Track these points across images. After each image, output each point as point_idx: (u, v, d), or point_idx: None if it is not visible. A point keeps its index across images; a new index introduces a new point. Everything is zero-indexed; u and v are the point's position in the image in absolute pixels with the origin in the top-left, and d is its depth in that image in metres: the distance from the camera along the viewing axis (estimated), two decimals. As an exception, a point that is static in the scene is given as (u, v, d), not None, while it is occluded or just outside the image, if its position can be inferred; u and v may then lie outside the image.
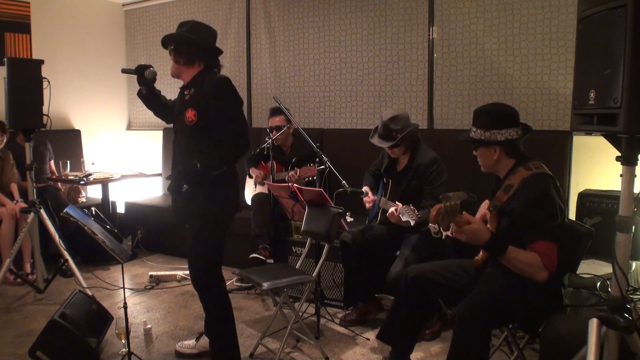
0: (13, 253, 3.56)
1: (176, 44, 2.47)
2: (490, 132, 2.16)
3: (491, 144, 2.18)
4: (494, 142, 2.16)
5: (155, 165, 5.53)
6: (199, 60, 2.49)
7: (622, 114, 1.41)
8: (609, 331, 1.61)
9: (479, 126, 2.20)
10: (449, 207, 1.84)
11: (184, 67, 2.49)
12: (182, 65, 2.49)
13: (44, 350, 2.56)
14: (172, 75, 2.55)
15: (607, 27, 1.47)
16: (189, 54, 2.46)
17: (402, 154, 3.16)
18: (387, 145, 3.09)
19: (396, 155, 3.17)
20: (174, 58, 2.49)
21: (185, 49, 2.46)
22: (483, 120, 2.21)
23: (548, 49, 3.56)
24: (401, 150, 3.13)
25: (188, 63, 2.48)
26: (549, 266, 1.96)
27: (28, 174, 3.58)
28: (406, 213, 2.85)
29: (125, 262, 2.55)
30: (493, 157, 2.20)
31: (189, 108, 2.43)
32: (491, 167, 2.25)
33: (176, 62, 2.49)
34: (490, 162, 2.23)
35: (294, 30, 4.71)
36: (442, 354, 2.79)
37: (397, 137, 3.04)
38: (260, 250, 3.64)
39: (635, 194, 1.58)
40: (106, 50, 5.77)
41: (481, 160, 2.26)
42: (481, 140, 2.19)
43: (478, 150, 2.25)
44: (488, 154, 2.21)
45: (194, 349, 2.81)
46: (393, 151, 3.14)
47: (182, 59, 2.47)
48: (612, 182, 3.24)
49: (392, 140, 3.06)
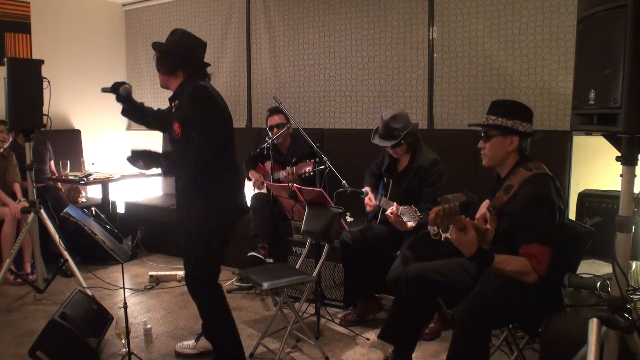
0: (13, 253, 3.56)
1: (160, 53, 2.50)
2: (513, 121, 2.14)
3: (512, 132, 2.14)
4: (515, 131, 2.14)
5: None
6: (181, 70, 2.47)
7: (622, 114, 1.41)
8: (609, 331, 1.61)
9: (500, 114, 2.15)
10: (448, 209, 1.85)
11: (167, 77, 2.50)
12: (164, 75, 2.50)
13: (44, 350, 2.56)
14: (161, 85, 2.57)
15: (607, 27, 1.47)
16: (170, 64, 2.46)
17: (404, 153, 3.16)
18: (390, 144, 3.08)
19: (398, 154, 3.16)
20: (156, 66, 2.52)
21: (167, 58, 2.47)
22: (508, 108, 2.17)
23: (548, 49, 3.56)
24: (403, 149, 3.13)
25: (169, 73, 2.48)
26: (538, 270, 1.95)
27: (28, 174, 3.59)
28: (407, 213, 2.85)
29: (125, 262, 2.55)
30: (507, 149, 2.16)
31: (174, 121, 2.45)
32: (498, 160, 2.20)
33: (158, 70, 2.51)
34: (501, 154, 2.18)
35: (294, 30, 4.71)
36: (442, 354, 2.79)
37: (400, 135, 3.04)
38: (258, 249, 3.64)
39: (635, 194, 1.57)
40: (106, 50, 5.77)
41: (491, 151, 2.19)
42: (503, 127, 2.14)
43: (492, 140, 2.18)
44: (503, 144, 2.16)
45: (193, 350, 2.81)
46: (395, 150, 3.13)
47: (163, 68, 2.49)
48: (612, 182, 3.24)
49: (394, 139, 3.05)
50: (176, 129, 2.43)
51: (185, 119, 2.38)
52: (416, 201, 3.01)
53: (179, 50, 2.46)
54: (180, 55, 2.45)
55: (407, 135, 3.05)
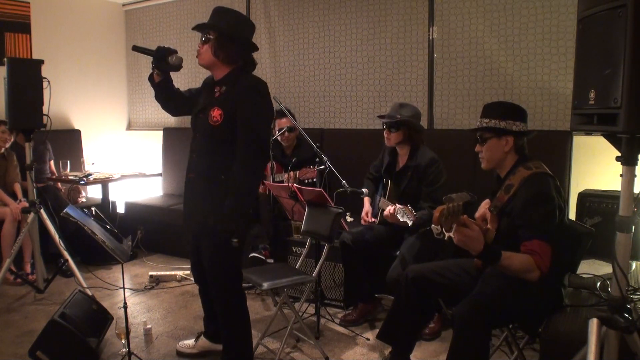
0: (13, 253, 3.55)
1: (219, 36, 2.28)
2: (506, 122, 2.16)
3: (506, 133, 2.16)
4: (509, 131, 2.16)
5: (155, 165, 5.53)
6: (237, 57, 2.32)
7: (622, 114, 1.41)
8: (609, 331, 1.61)
9: (493, 117, 2.18)
10: (452, 208, 1.84)
11: (220, 63, 2.32)
12: (217, 59, 2.30)
13: (44, 350, 2.56)
14: (202, 63, 2.34)
15: (607, 27, 1.47)
16: (229, 50, 2.28)
17: (397, 143, 3.15)
18: (386, 120, 3.10)
19: (391, 142, 3.16)
20: (213, 50, 2.28)
21: (227, 43, 2.28)
22: (499, 110, 2.20)
23: (548, 49, 3.56)
24: (398, 137, 3.12)
25: (227, 61, 2.31)
26: (541, 267, 1.96)
27: (28, 174, 3.58)
28: (404, 213, 2.85)
29: (125, 262, 2.55)
30: (503, 149, 2.18)
31: (215, 107, 2.27)
32: (497, 162, 2.22)
33: (215, 56, 2.29)
34: (498, 156, 2.19)
35: (294, 30, 4.71)
36: (442, 354, 2.79)
37: (398, 118, 3.06)
38: (259, 250, 3.64)
39: (635, 194, 1.57)
40: (106, 50, 5.77)
41: (488, 153, 2.22)
42: (497, 128, 2.17)
43: (487, 143, 2.20)
44: (498, 145, 2.18)
45: (193, 349, 2.81)
46: (390, 136, 3.14)
47: (221, 54, 2.28)
48: (612, 182, 3.24)
49: (393, 119, 3.08)
50: (216, 116, 2.24)
51: (232, 109, 2.23)
52: (415, 201, 3.01)
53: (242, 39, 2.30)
54: (244, 45, 2.31)
55: (404, 122, 3.06)
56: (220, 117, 2.25)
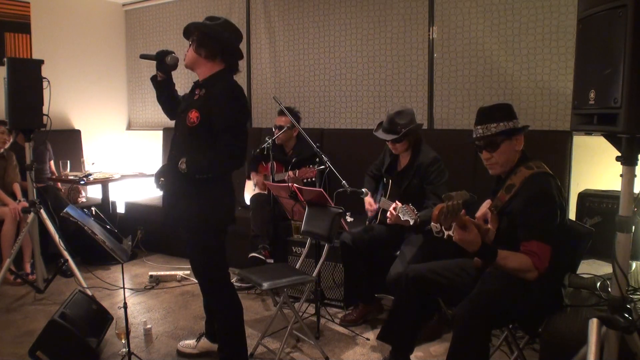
0: (13, 253, 3.55)
1: (201, 35, 2.36)
2: (512, 121, 2.14)
3: (515, 132, 2.14)
4: (518, 129, 2.14)
5: (155, 165, 5.53)
6: (220, 58, 2.38)
7: (622, 114, 1.41)
8: (609, 331, 1.61)
9: (498, 119, 2.13)
10: (451, 206, 1.84)
11: (202, 61, 2.37)
12: (201, 58, 2.37)
13: (44, 350, 2.56)
14: (186, 65, 2.43)
15: (607, 27, 1.47)
16: (211, 48, 2.35)
17: (404, 151, 3.16)
18: (390, 138, 3.09)
19: (398, 150, 3.16)
20: (194, 48, 2.37)
21: (209, 41, 2.34)
22: (499, 112, 2.16)
23: (548, 49, 3.56)
24: (404, 146, 3.13)
25: (208, 57, 2.36)
26: (539, 267, 1.96)
27: (28, 174, 3.58)
28: (405, 212, 2.85)
29: (125, 262, 2.55)
30: (515, 149, 2.16)
31: (193, 109, 2.35)
32: (510, 165, 2.17)
33: (197, 53, 2.36)
34: (512, 157, 2.16)
35: (294, 30, 4.71)
36: (442, 354, 2.79)
37: (401, 131, 3.04)
38: (259, 250, 3.64)
39: (635, 194, 1.57)
40: (106, 50, 5.77)
41: (503, 157, 2.16)
42: (509, 129, 2.12)
43: (500, 147, 2.15)
44: (511, 146, 2.15)
45: (194, 349, 2.81)
46: (395, 146, 3.14)
47: (203, 51, 2.35)
48: (612, 182, 3.24)
49: (395, 134, 3.06)
50: (193, 118, 2.32)
51: (209, 112, 2.29)
52: (416, 200, 3.01)
53: (225, 39, 2.36)
54: (224, 44, 2.36)
55: (408, 132, 3.06)
56: (197, 120, 2.32)
